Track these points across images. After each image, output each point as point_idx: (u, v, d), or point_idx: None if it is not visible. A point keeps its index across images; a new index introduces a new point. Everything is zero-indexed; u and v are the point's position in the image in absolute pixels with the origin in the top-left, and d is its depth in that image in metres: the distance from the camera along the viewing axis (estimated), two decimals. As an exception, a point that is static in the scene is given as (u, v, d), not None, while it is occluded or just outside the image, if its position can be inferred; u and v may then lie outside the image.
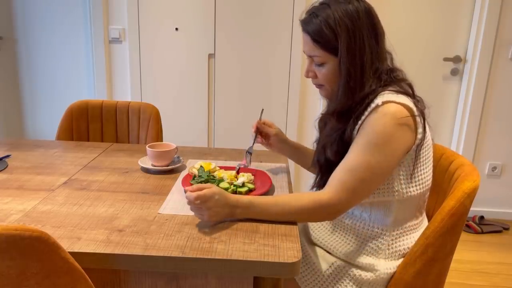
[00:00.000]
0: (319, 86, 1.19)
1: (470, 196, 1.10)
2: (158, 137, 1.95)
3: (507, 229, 2.85)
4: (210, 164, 1.37)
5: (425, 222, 1.25)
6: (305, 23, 1.12)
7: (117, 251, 0.94)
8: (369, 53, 1.08)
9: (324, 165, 1.18)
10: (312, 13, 1.11)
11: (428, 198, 1.27)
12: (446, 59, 2.82)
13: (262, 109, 1.53)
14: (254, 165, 1.49)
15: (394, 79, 1.12)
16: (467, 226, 2.83)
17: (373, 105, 1.06)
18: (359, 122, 1.08)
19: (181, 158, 1.53)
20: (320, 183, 1.21)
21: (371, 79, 1.09)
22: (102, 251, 0.93)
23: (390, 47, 1.15)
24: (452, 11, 2.75)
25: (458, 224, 1.11)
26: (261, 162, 1.56)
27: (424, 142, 1.10)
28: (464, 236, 2.75)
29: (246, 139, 1.32)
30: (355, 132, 1.10)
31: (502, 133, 2.87)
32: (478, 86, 2.77)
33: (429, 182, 1.18)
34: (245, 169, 1.41)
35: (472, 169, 1.17)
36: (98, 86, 2.92)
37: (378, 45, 1.10)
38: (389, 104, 1.04)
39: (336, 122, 1.14)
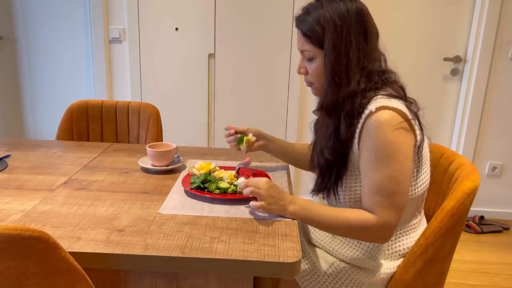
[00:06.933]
0: (309, 84, 1.21)
1: (470, 196, 1.10)
2: (158, 137, 1.95)
3: (507, 229, 2.85)
4: (210, 164, 1.37)
5: (424, 221, 1.26)
6: (298, 20, 1.17)
7: (117, 251, 0.94)
8: (355, 50, 1.09)
9: (324, 166, 1.18)
10: (306, 10, 1.15)
11: (427, 197, 1.27)
12: (446, 59, 2.82)
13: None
14: (254, 165, 1.49)
15: (385, 81, 1.12)
16: (467, 226, 2.82)
17: (366, 111, 1.06)
18: (357, 130, 1.08)
19: (181, 158, 1.53)
20: (321, 187, 1.21)
21: (358, 76, 1.10)
22: (102, 251, 0.93)
23: (384, 48, 1.16)
24: (452, 11, 2.75)
25: (458, 224, 1.11)
26: (261, 162, 1.56)
27: (423, 143, 1.11)
28: (464, 236, 2.75)
29: (246, 139, 1.32)
30: (355, 140, 1.09)
31: (502, 133, 2.87)
32: (478, 86, 2.77)
33: (428, 181, 1.18)
34: (245, 169, 1.41)
35: (472, 169, 1.17)
36: (98, 86, 2.92)
37: (366, 44, 1.11)
38: (382, 111, 1.04)
39: (327, 117, 1.16)
